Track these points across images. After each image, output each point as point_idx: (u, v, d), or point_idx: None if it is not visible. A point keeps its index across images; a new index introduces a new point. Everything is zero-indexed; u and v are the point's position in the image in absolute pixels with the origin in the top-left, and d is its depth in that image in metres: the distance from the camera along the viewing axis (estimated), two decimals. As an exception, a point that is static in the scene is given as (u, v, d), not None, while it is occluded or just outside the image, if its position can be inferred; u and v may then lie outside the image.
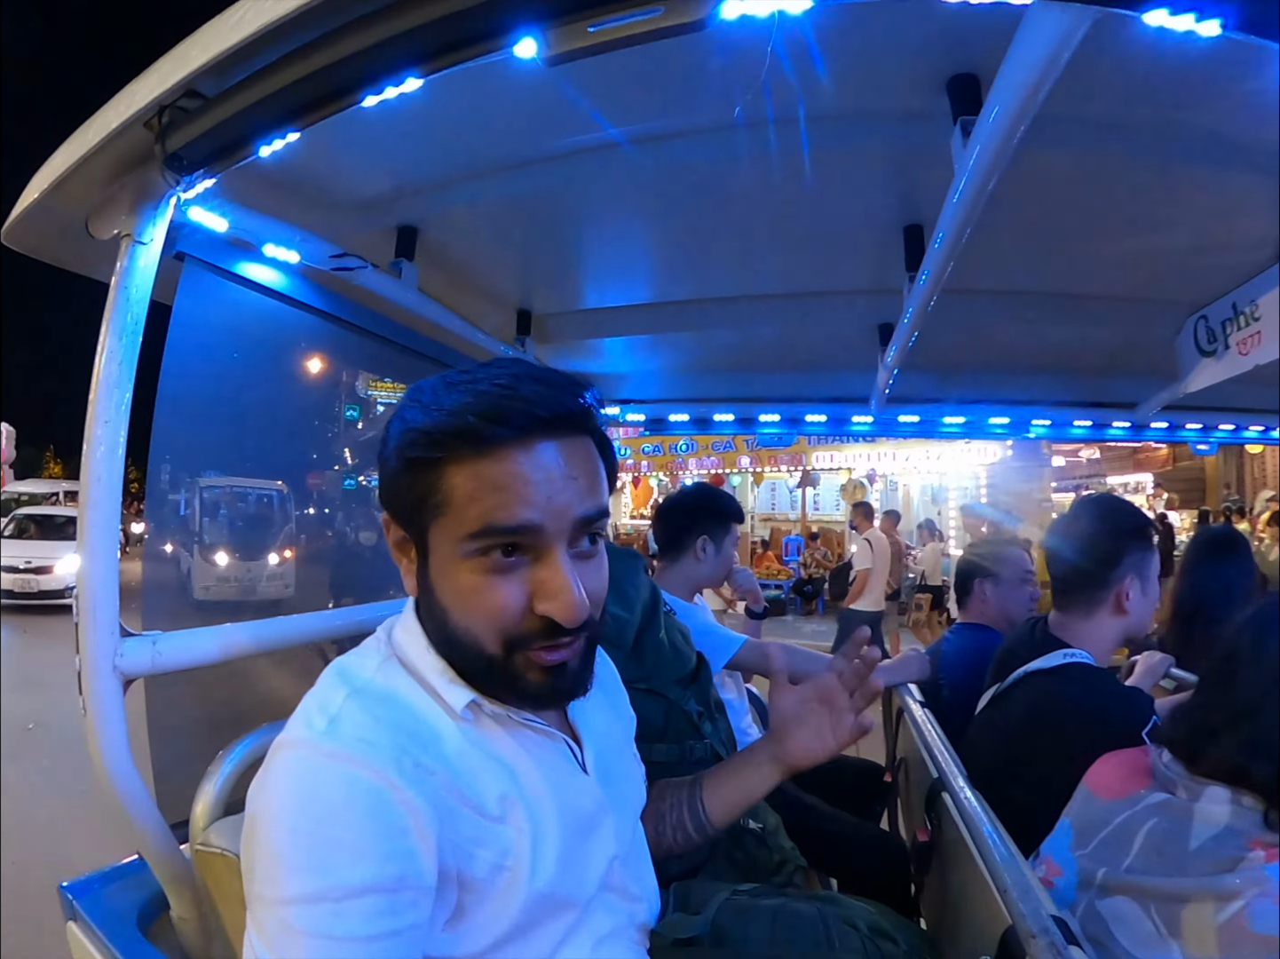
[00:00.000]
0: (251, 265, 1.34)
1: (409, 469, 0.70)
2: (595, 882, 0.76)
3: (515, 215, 1.59)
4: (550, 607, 0.68)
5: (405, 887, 0.60)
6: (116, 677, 0.94)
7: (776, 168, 1.31)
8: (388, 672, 0.73)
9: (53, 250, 1.20)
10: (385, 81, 0.79)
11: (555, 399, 0.68)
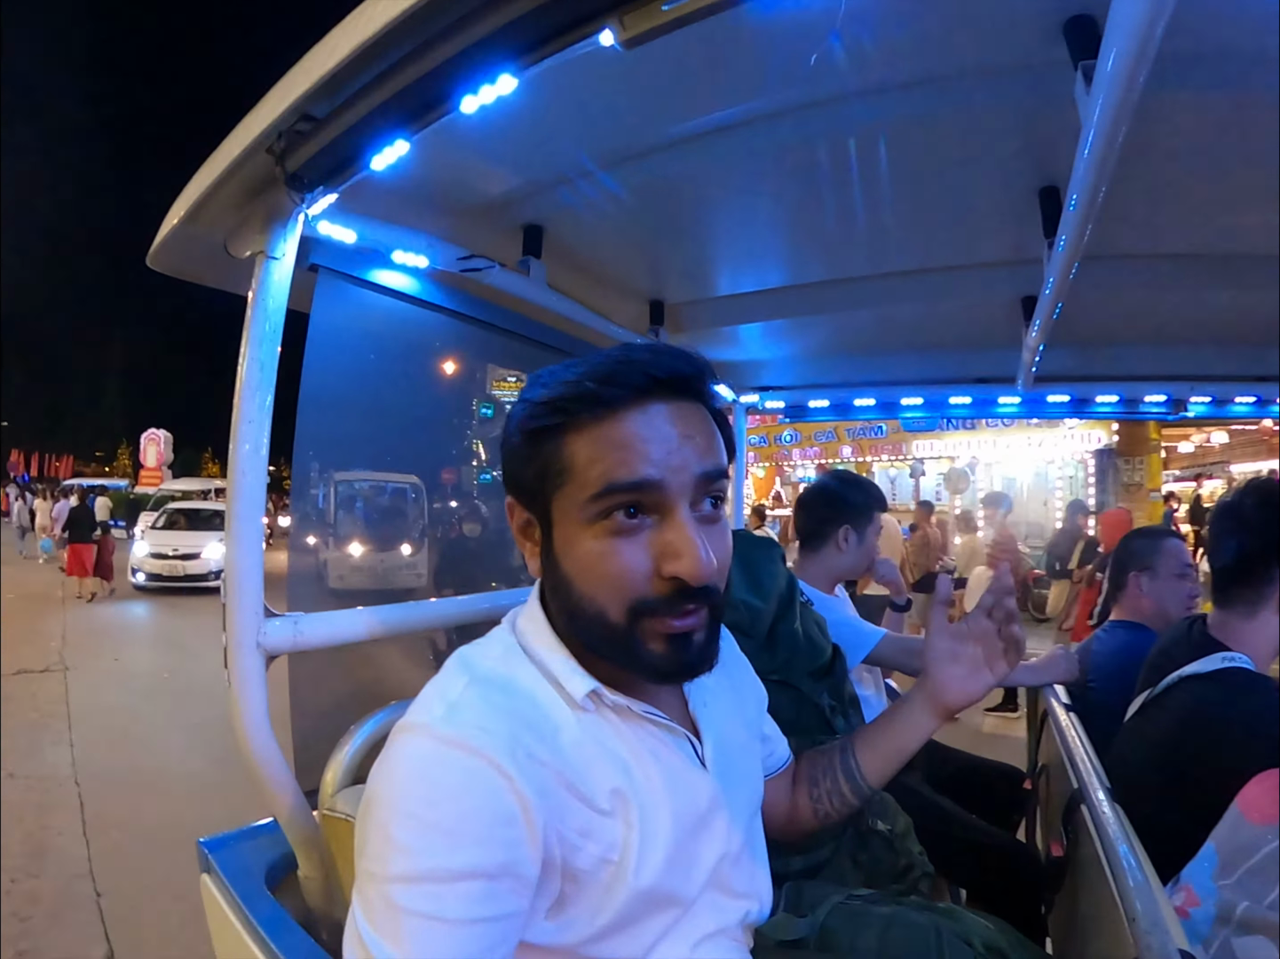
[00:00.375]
0: (382, 272, 1.48)
1: (532, 441, 0.75)
2: (702, 880, 0.78)
3: (640, 205, 1.63)
4: (677, 566, 0.69)
5: (508, 874, 0.63)
6: (259, 653, 1.08)
7: (900, 135, 1.30)
8: (510, 660, 0.77)
9: (195, 270, 1.39)
10: (478, 83, 0.86)
11: (667, 363, 0.73)
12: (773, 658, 1.35)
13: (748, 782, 0.91)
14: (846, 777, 1.01)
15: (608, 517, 0.71)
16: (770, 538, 1.68)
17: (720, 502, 0.76)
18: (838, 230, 1.73)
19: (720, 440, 0.78)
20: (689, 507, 0.72)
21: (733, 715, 0.93)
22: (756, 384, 2.96)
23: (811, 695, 1.37)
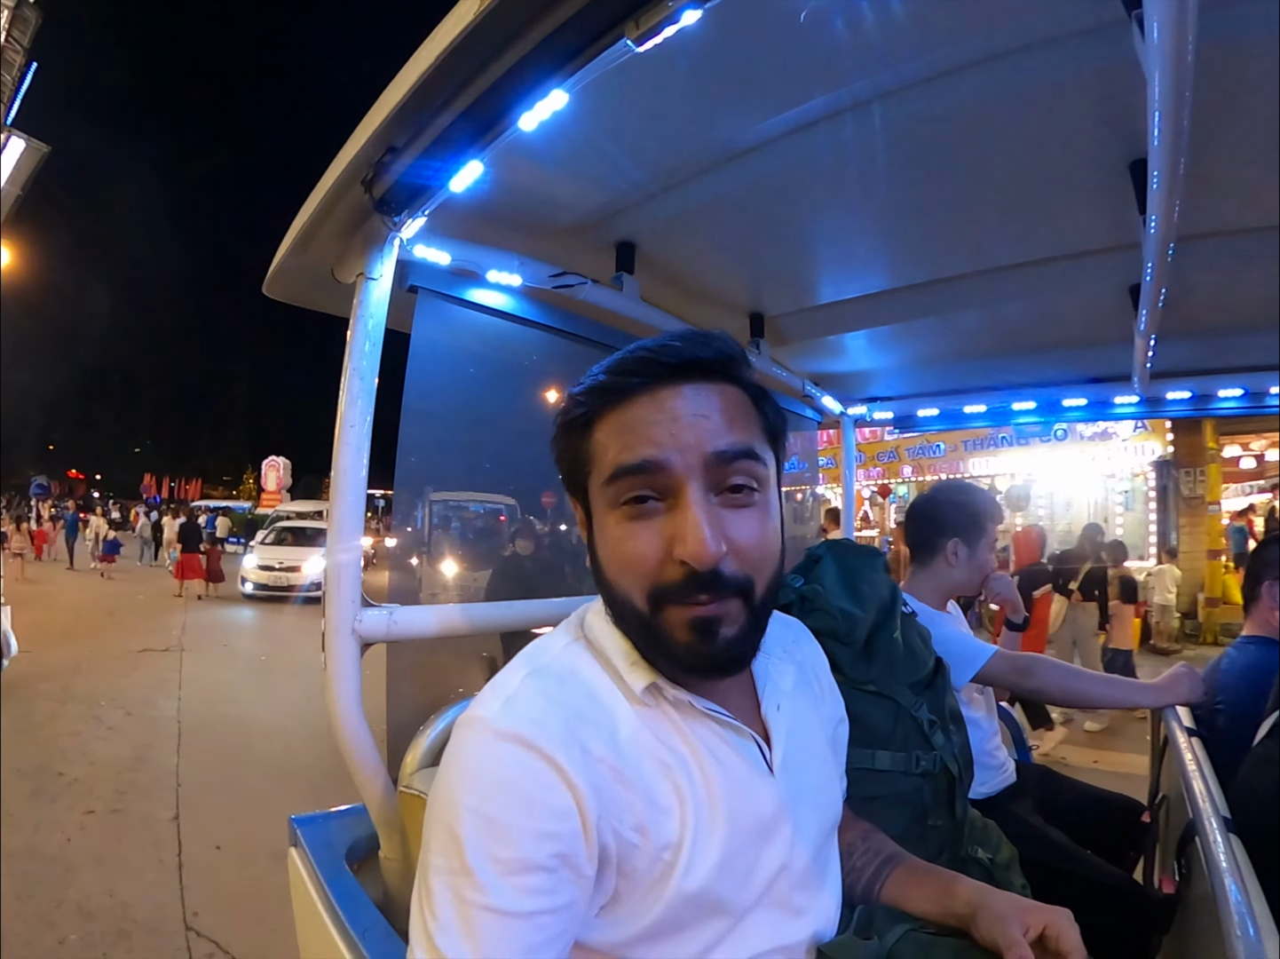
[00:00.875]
0: (478, 291, 1.63)
1: (566, 434, 0.82)
2: (757, 891, 0.78)
3: (732, 214, 1.70)
4: (681, 549, 0.71)
5: (564, 867, 0.67)
6: (355, 639, 1.22)
7: (979, 119, 1.31)
8: (573, 652, 0.81)
9: (307, 296, 1.59)
10: (531, 100, 0.97)
11: (685, 350, 0.76)
12: (869, 667, 1.36)
13: (821, 795, 0.90)
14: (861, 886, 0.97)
15: (623, 502, 0.75)
16: (873, 546, 1.70)
17: (750, 486, 0.76)
18: (934, 226, 1.74)
19: (753, 420, 0.80)
20: (704, 489, 0.74)
21: (811, 726, 0.93)
22: (864, 395, 2.97)
23: (909, 708, 1.36)
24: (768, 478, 0.79)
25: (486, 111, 1.01)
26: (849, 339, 2.44)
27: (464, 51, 0.92)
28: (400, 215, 1.21)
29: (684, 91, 1.24)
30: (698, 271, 2.05)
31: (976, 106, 1.27)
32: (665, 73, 1.15)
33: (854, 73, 1.21)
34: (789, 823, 0.82)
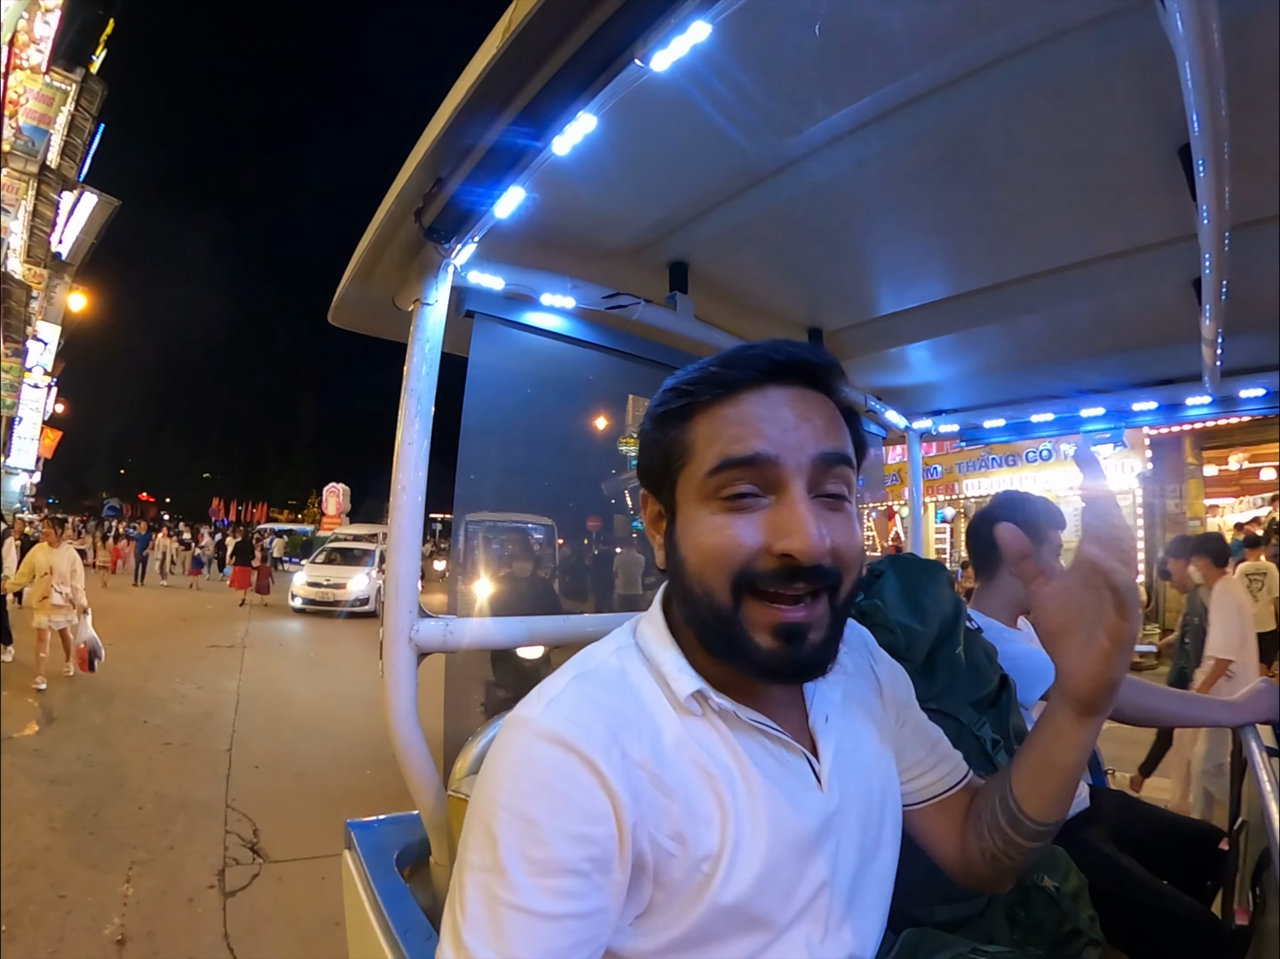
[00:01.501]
0: (533, 314, 1.73)
1: (661, 424, 0.83)
2: (798, 906, 0.79)
3: (784, 228, 1.75)
4: (786, 542, 0.73)
5: (597, 871, 0.69)
6: (411, 648, 1.32)
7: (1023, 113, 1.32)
8: (623, 657, 0.84)
9: (370, 324, 1.73)
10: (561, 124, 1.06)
11: (790, 350, 0.80)
12: (931, 684, 1.37)
13: (869, 810, 0.90)
14: (1003, 808, 0.93)
15: (724, 493, 0.77)
16: (936, 560, 1.71)
17: (843, 492, 0.79)
18: (990, 228, 1.75)
19: (846, 431, 0.83)
20: (807, 488, 0.76)
21: (862, 739, 0.94)
22: (929, 409, 2.98)
23: (972, 726, 1.37)
24: (854, 487, 0.82)
25: (518, 138, 1.11)
26: (910, 351, 2.46)
27: (491, 83, 1.02)
28: (450, 242, 1.33)
29: (725, 106, 1.29)
30: (752, 288, 2.11)
31: (1017, 100, 1.29)
32: (705, 89, 1.20)
33: (892, 75, 1.25)
34: (833, 839, 0.83)
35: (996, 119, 1.35)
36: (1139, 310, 2.09)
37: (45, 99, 15.90)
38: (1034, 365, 2.51)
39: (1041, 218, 1.69)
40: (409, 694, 1.34)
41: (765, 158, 1.48)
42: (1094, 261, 1.83)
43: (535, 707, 0.75)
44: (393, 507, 1.36)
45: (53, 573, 7.60)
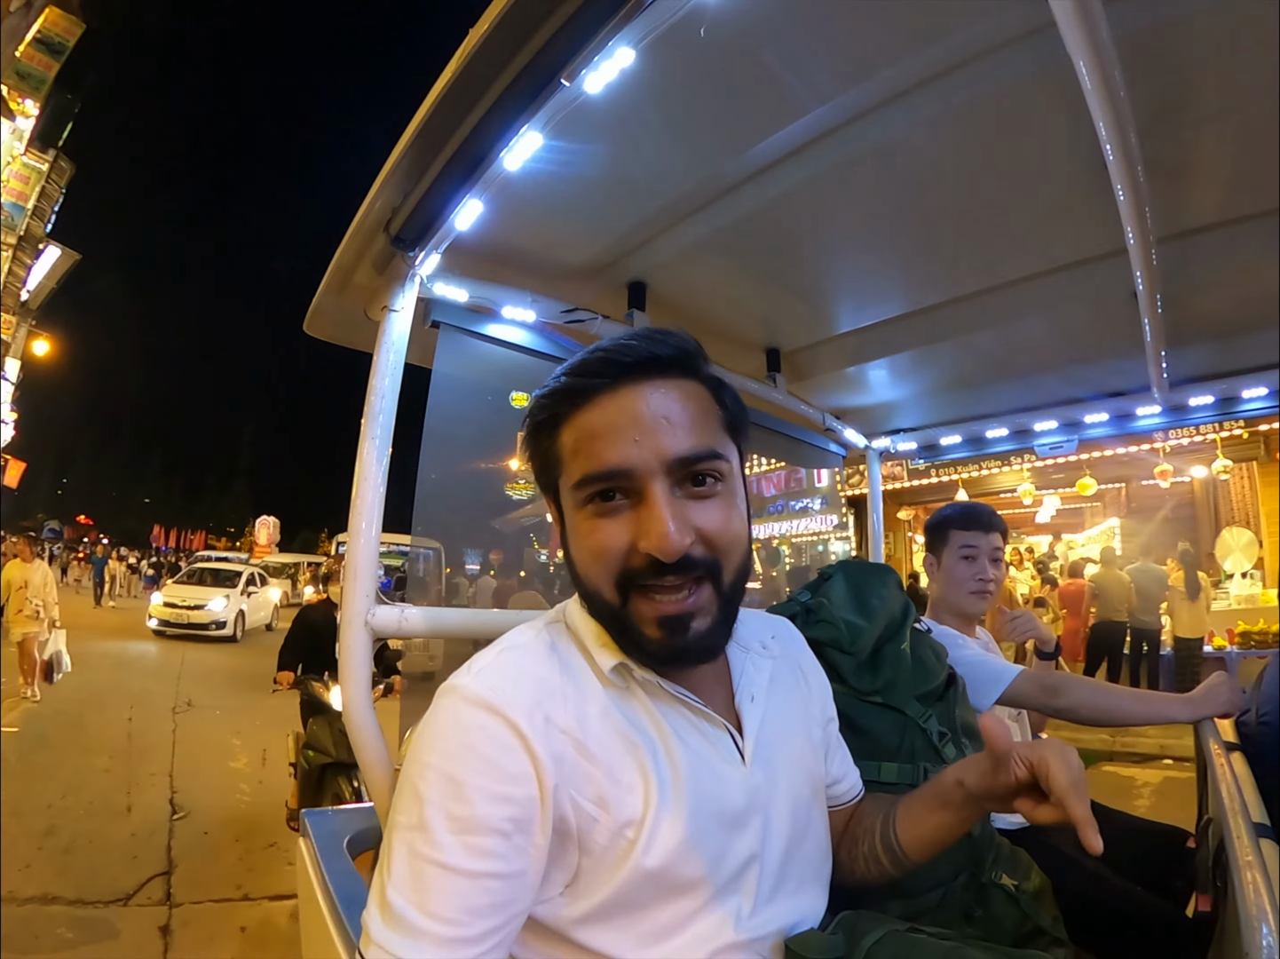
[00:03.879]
0: (495, 326, 1.88)
1: (535, 437, 0.91)
2: (726, 877, 0.85)
3: (736, 249, 1.89)
4: (646, 542, 0.80)
5: (517, 832, 0.75)
6: (367, 632, 1.45)
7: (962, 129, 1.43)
8: (552, 632, 0.91)
9: (343, 335, 1.92)
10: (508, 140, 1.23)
11: (642, 348, 0.84)
12: (875, 677, 1.45)
13: (798, 792, 0.97)
14: (884, 846, 1.03)
15: (590, 502, 0.84)
16: (885, 564, 1.83)
17: (713, 477, 0.85)
18: (942, 243, 1.87)
19: (716, 415, 0.88)
20: (668, 485, 0.82)
21: (790, 723, 1.02)
22: (888, 428, 3.14)
23: (917, 719, 1.43)
24: (730, 471, 0.88)
25: (470, 154, 1.29)
26: (868, 369, 2.62)
27: (447, 103, 1.20)
28: (414, 250, 1.50)
29: (669, 127, 1.42)
30: (709, 308, 2.24)
31: (945, 120, 1.40)
32: (647, 111, 1.34)
33: (822, 97, 1.36)
34: (760, 815, 0.90)
35: (928, 139, 1.46)
36: (1087, 323, 2.21)
37: (22, 178, 19.25)
38: (988, 382, 2.67)
39: (985, 233, 1.80)
40: (363, 677, 1.47)
41: (713, 178, 1.61)
42: (1039, 276, 1.96)
43: (465, 675, 0.83)
44: (354, 496, 1.51)
45: (27, 587, 8.19)
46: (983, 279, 2.03)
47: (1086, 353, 2.41)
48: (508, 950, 0.78)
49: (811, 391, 2.82)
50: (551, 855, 0.80)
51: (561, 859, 0.81)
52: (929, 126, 1.42)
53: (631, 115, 1.35)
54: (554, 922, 0.82)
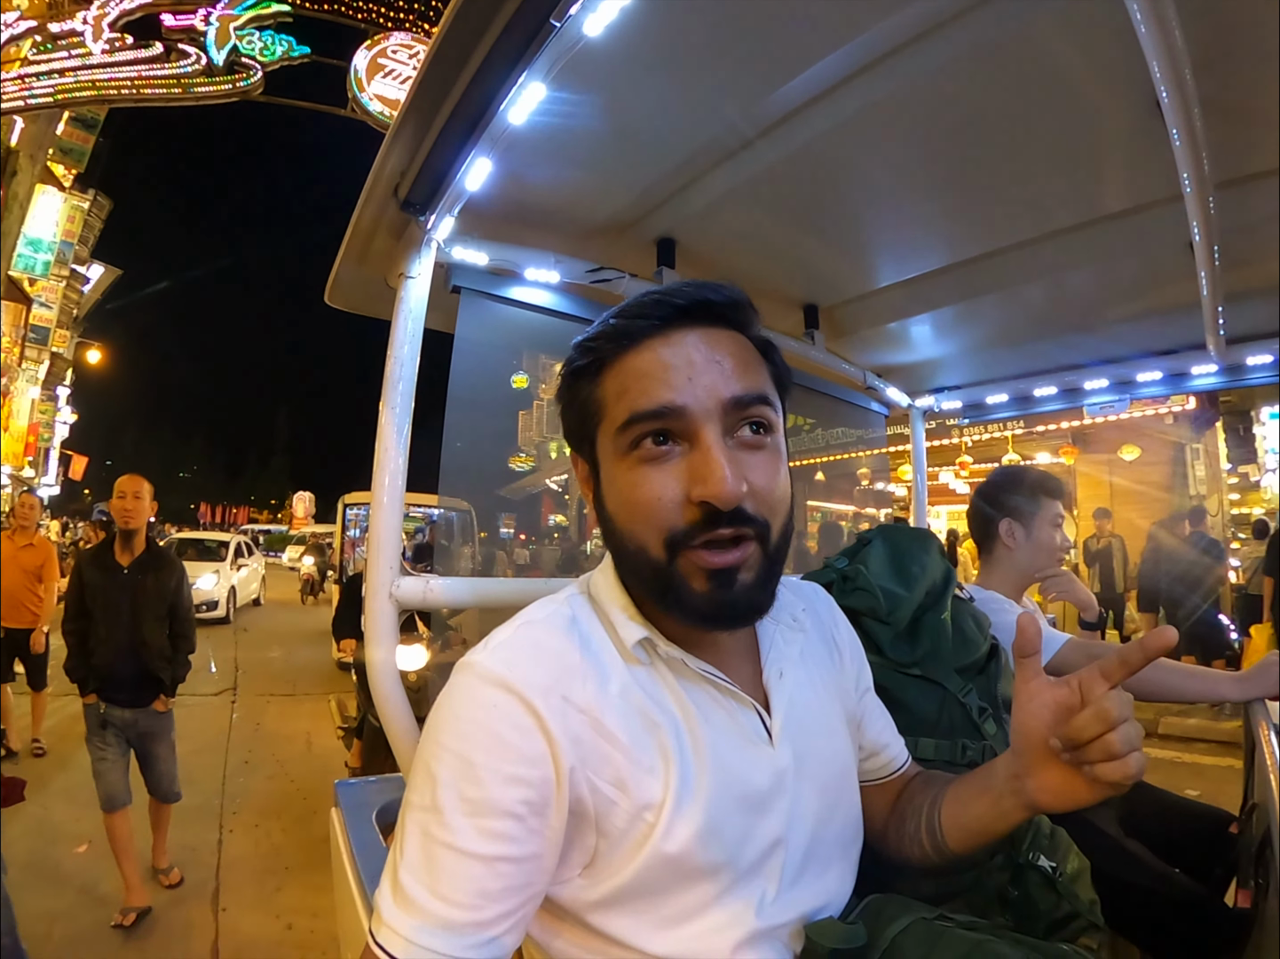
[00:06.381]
0: (518, 289, 1.88)
1: (573, 384, 0.89)
2: (747, 862, 0.83)
3: (768, 198, 1.83)
4: (702, 489, 0.77)
5: (532, 815, 0.74)
6: (392, 604, 1.48)
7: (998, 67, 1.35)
8: (574, 605, 0.90)
9: (364, 305, 1.94)
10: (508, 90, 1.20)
11: (696, 293, 0.84)
12: (914, 648, 1.43)
13: (827, 771, 0.95)
14: (928, 831, 1.02)
15: (637, 447, 0.81)
16: (926, 529, 1.77)
17: (765, 428, 0.83)
18: (983, 189, 1.79)
19: (763, 367, 0.87)
20: (721, 431, 0.80)
21: (821, 698, 0.99)
22: (931, 386, 3.09)
23: (957, 693, 1.41)
24: (778, 424, 0.86)
25: (470, 110, 1.26)
26: (910, 325, 2.56)
27: (441, 61, 1.18)
28: (425, 214, 1.50)
29: (689, 69, 1.37)
30: (741, 263, 2.19)
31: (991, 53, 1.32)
32: (665, 53, 1.30)
33: (858, 27, 1.27)
34: (786, 797, 0.88)
35: (972, 76, 1.39)
36: (1140, 275, 2.11)
37: (70, 218, 23.22)
38: (1036, 337, 2.59)
39: (1031, 180, 1.72)
40: (389, 648, 1.50)
41: (742, 122, 1.54)
42: (1090, 224, 1.88)
43: (481, 651, 0.82)
44: (376, 468, 1.53)
45: None
46: (1029, 228, 1.94)
47: (1137, 307, 2.32)
48: (523, 933, 0.79)
49: (851, 349, 2.77)
50: (568, 837, 0.80)
51: (579, 841, 0.80)
52: (972, 63, 1.35)
53: (648, 57, 1.32)
54: (571, 904, 0.83)
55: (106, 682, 3.80)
